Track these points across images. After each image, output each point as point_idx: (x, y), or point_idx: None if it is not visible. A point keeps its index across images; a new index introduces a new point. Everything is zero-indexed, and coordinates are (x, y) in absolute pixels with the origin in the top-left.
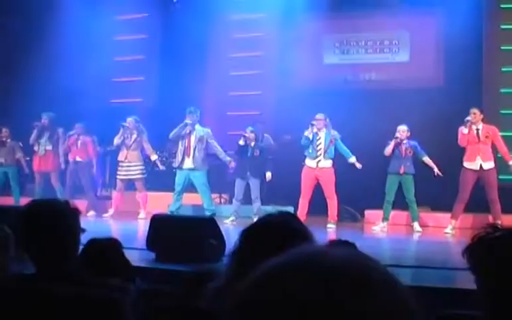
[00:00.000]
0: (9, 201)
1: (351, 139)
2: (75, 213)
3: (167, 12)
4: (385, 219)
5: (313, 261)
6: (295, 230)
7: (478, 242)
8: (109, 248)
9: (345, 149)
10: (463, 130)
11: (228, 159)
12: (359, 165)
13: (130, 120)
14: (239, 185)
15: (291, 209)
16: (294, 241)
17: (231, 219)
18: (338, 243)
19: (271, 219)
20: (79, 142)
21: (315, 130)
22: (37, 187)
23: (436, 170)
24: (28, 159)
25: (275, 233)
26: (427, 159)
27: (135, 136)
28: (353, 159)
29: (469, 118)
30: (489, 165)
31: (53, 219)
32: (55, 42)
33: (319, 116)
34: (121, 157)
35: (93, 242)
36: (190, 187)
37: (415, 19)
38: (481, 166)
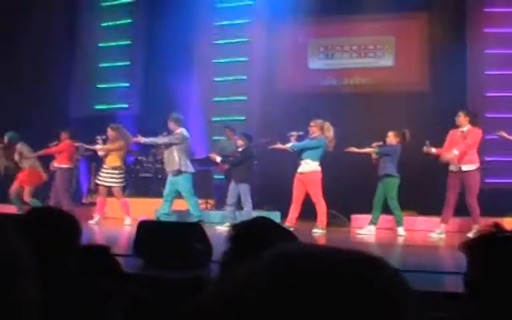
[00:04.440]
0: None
1: (336, 142)
2: (73, 220)
3: (151, 18)
4: (373, 222)
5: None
6: (281, 234)
7: (481, 237)
8: (100, 253)
9: (304, 143)
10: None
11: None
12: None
13: (110, 130)
14: (231, 190)
15: (277, 215)
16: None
17: (227, 224)
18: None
19: (254, 225)
20: (59, 150)
21: (293, 141)
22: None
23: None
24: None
25: (261, 237)
26: None
27: (118, 144)
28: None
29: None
30: (467, 167)
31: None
32: (37, 47)
33: (312, 122)
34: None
35: (84, 248)
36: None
37: (399, 23)
38: (460, 168)
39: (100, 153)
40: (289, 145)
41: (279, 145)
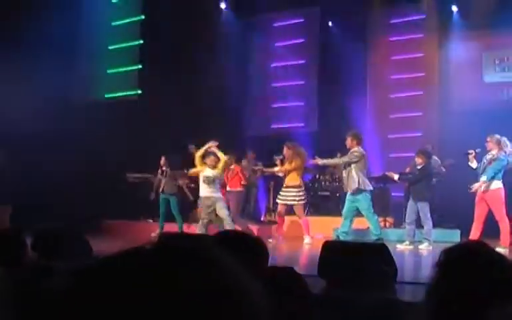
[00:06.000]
0: (173, 227)
1: None
2: (261, 243)
3: (324, 36)
4: None
5: None
6: (497, 262)
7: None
8: (286, 275)
9: (491, 171)
10: None
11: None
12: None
13: (286, 149)
14: (409, 208)
15: (457, 233)
16: (496, 274)
17: (406, 243)
18: None
19: (466, 250)
20: (230, 172)
21: (471, 158)
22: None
23: None
24: (192, 186)
25: (473, 266)
26: None
27: (295, 163)
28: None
29: None
30: None
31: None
32: (216, 71)
33: (488, 137)
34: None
35: (271, 269)
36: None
37: None
38: None
39: (279, 174)
40: (483, 179)
41: (475, 187)
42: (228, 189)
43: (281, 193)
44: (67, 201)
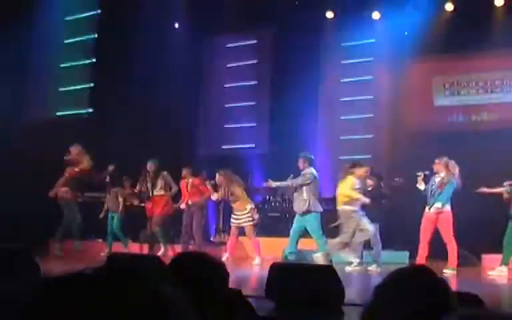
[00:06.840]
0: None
1: (464, 181)
2: (223, 267)
3: (276, 58)
4: (504, 263)
5: None
6: (433, 286)
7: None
8: (233, 297)
9: (445, 196)
10: None
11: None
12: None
13: (218, 176)
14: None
15: (406, 254)
16: (431, 299)
17: (354, 264)
18: (465, 298)
19: (404, 275)
20: (189, 185)
21: (420, 180)
22: (148, 231)
23: None
24: (140, 204)
25: (410, 291)
26: None
27: (234, 189)
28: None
29: None
30: None
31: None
32: (168, 91)
33: (436, 160)
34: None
35: None
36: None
37: None
38: None
39: (213, 198)
40: (437, 206)
41: (430, 213)
42: (190, 202)
43: (232, 216)
44: (15, 220)
